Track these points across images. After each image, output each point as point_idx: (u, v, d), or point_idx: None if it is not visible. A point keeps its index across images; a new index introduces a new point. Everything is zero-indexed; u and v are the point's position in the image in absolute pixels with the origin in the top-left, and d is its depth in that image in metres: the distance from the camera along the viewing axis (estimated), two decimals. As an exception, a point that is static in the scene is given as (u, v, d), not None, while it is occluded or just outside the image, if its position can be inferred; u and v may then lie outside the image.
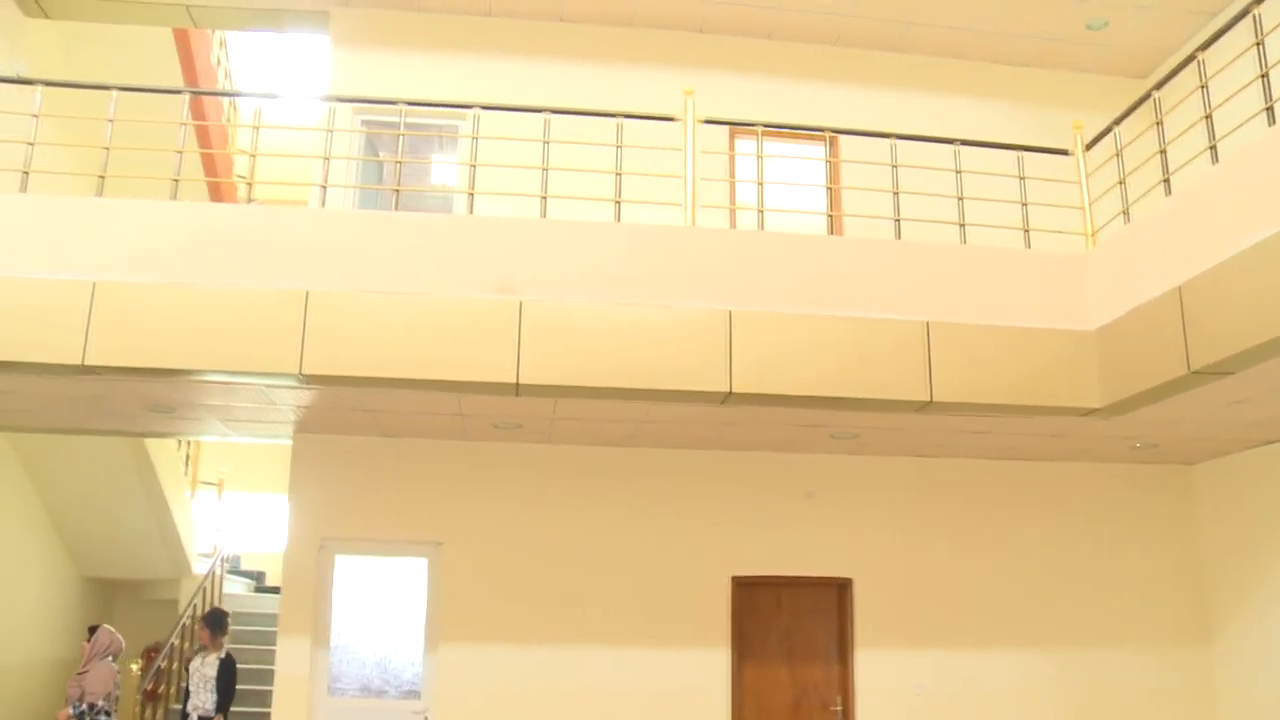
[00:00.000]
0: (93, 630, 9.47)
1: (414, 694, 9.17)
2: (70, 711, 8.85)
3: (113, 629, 9.51)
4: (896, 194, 8.27)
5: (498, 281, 7.31)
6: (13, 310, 7.16)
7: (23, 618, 12.11)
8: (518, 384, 7.20)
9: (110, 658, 9.09)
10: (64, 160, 8.84)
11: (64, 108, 8.47)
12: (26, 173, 7.76)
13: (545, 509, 9.40)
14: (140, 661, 10.90)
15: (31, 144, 7.79)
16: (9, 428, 10.14)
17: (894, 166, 8.29)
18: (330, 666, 9.15)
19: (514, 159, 8.11)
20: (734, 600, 9.45)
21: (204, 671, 9.21)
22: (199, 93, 9.27)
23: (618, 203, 7.93)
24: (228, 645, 9.44)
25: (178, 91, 8.98)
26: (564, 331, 7.30)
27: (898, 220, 8.23)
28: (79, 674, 9.14)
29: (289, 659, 8.98)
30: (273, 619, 11.13)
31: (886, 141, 8.38)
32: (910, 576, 9.67)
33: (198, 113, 9.95)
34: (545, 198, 7.89)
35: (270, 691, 9.11)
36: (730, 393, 7.36)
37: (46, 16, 10.62)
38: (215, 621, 9.46)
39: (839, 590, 9.70)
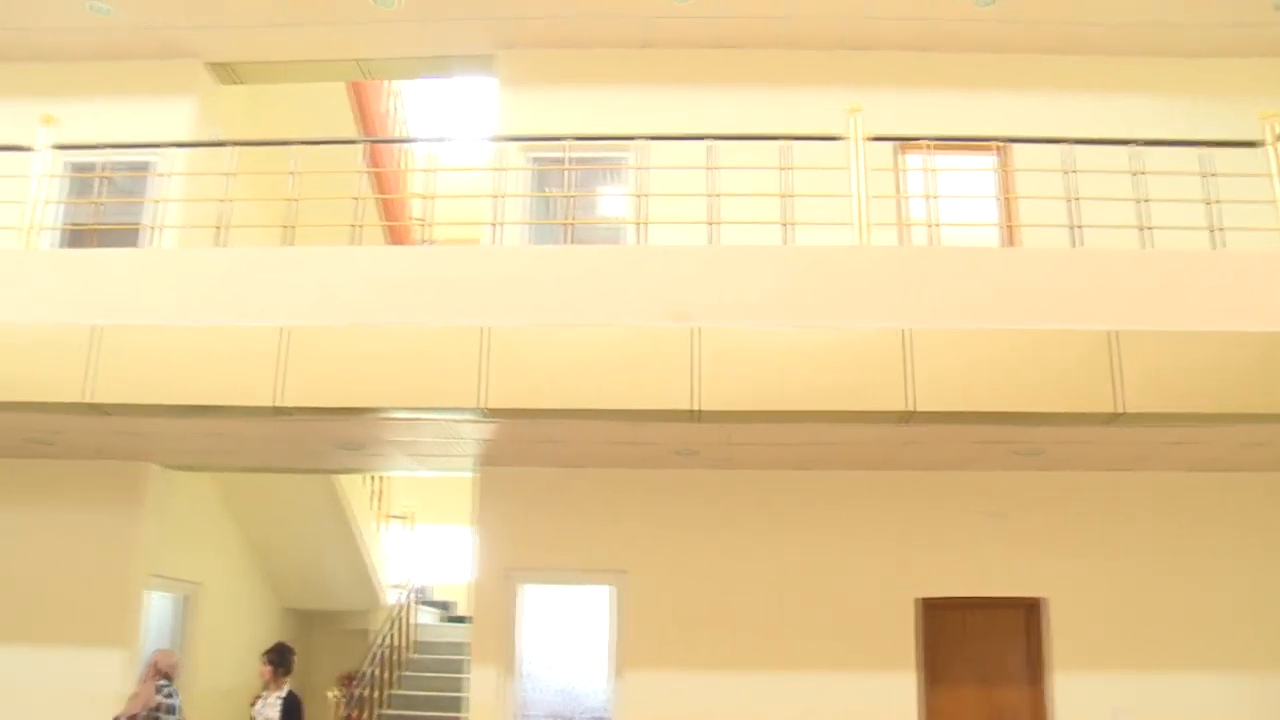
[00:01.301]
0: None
1: (601, 720, 9.25)
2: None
3: (170, 650, 9.15)
4: (1073, 200, 8.01)
5: (672, 309, 7.34)
6: (212, 357, 7.58)
7: (232, 646, 12.69)
8: (696, 411, 7.22)
9: (162, 679, 8.72)
10: (254, 214, 9.29)
11: (253, 165, 8.92)
12: (221, 228, 8.22)
13: (726, 534, 9.37)
14: (337, 690, 11.28)
15: (226, 200, 8.23)
16: (212, 468, 10.69)
17: (1069, 172, 8.04)
18: (519, 694, 9.28)
19: (681, 187, 8.15)
20: (921, 622, 9.24)
21: (265, 713, 8.65)
22: (374, 141, 9.67)
23: (787, 225, 7.89)
24: (289, 684, 8.81)
25: (354, 141, 9.37)
26: (740, 356, 7.29)
27: (1076, 227, 7.97)
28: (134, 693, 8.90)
29: (480, 686, 9.15)
30: (461, 648, 11.41)
31: (1060, 147, 8.14)
32: (1104, 595, 9.28)
33: (374, 160, 10.35)
34: (714, 224, 7.92)
35: (462, 719, 9.30)
36: (910, 411, 7.23)
37: (238, 83, 11.26)
38: (279, 657, 8.86)
39: (1029, 611, 9.38)
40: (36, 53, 10.93)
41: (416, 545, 15.67)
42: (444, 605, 15.56)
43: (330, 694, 11.17)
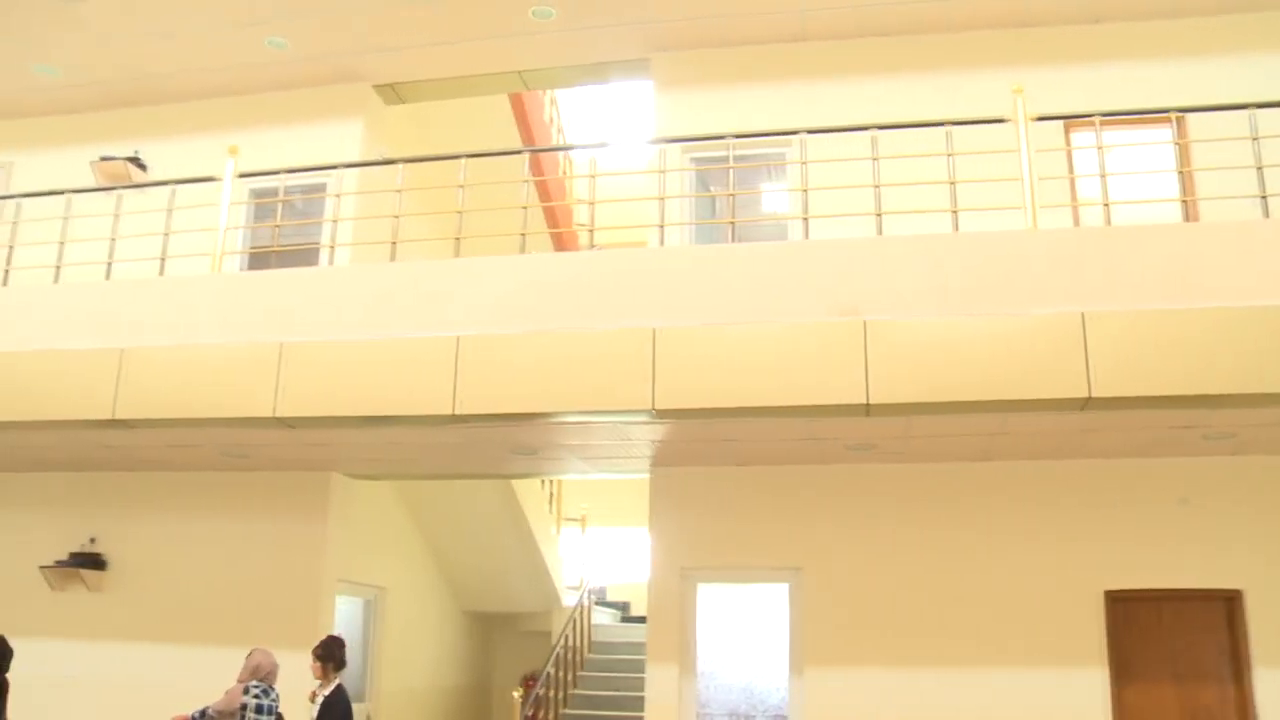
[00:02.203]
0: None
1: (781, 719, 9.20)
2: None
3: (267, 651, 8.73)
4: (1260, 169, 7.61)
5: (840, 304, 7.27)
6: (390, 368, 7.86)
7: (418, 649, 13.11)
8: (867, 405, 7.13)
9: (254, 683, 8.45)
10: (425, 228, 9.57)
11: (422, 180, 9.19)
12: (393, 243, 8.51)
13: (903, 528, 9.20)
14: (520, 690, 11.50)
15: (397, 216, 8.51)
16: (393, 476, 11.05)
17: (1254, 139, 7.66)
18: (698, 692, 9.31)
19: (844, 179, 8.07)
20: (1108, 616, 8.92)
21: (313, 710, 8.21)
22: (537, 150, 9.85)
23: (954, 213, 7.74)
24: (338, 678, 8.16)
25: (518, 152, 9.53)
26: (911, 348, 7.18)
27: (1264, 198, 7.58)
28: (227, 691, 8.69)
29: (658, 686, 9.22)
30: (639, 647, 11.49)
31: (1243, 114, 7.75)
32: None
33: (537, 169, 10.56)
34: (880, 215, 7.81)
35: (642, 718, 9.37)
36: (1089, 398, 6.99)
37: (402, 102, 11.63)
38: (326, 651, 8.21)
39: (1228, 603, 8.93)
40: (221, 89, 11.53)
41: (592, 547, 15.88)
42: (621, 606, 15.72)
43: (513, 694, 11.39)
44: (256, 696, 8.25)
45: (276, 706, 8.32)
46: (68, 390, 8.69)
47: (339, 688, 8.12)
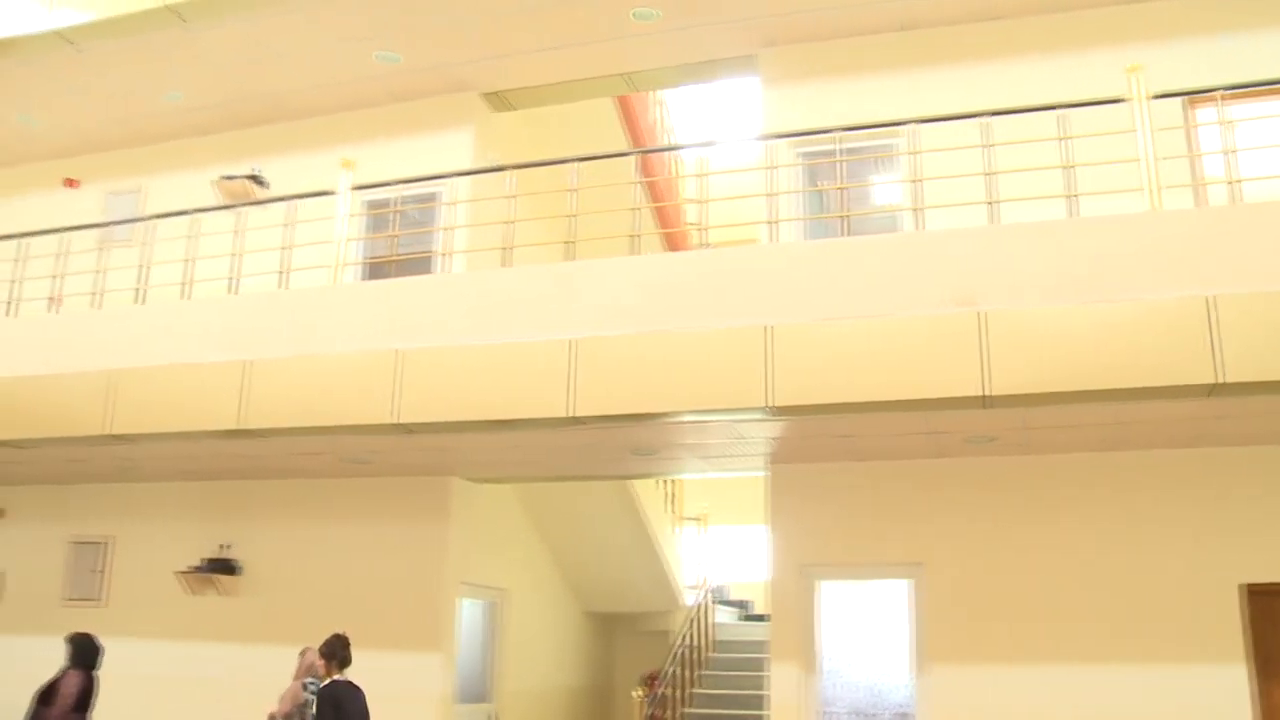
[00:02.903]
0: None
1: (906, 716, 9.07)
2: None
3: (313, 650, 8.91)
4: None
5: (956, 295, 7.14)
6: (507, 373, 7.98)
7: (540, 650, 13.24)
8: (986, 396, 7.01)
9: (310, 680, 8.91)
10: (536, 232, 9.67)
11: (532, 186, 9.29)
12: (506, 249, 8.60)
13: (1027, 522, 9.00)
14: (642, 689, 11.55)
15: (509, 222, 8.62)
16: (512, 479, 11.19)
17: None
18: (821, 690, 9.25)
19: (957, 168, 7.92)
20: (1249, 611, 8.59)
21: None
22: (645, 152, 9.87)
23: (1071, 197, 7.54)
24: (338, 674, 8.21)
25: (626, 154, 9.57)
26: (1030, 337, 7.03)
27: (1406, 170, 7.25)
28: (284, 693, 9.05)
29: (781, 683, 9.19)
30: (761, 646, 11.45)
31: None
32: None
33: (646, 170, 10.59)
34: (994, 203, 7.66)
35: (765, 716, 9.35)
36: (1217, 383, 6.77)
37: (511, 109, 11.77)
38: (328, 649, 8.30)
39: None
40: (335, 105, 11.81)
41: (711, 546, 15.87)
42: (741, 604, 15.69)
43: (635, 694, 11.45)
44: (314, 693, 8.60)
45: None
46: (198, 402, 9.02)
47: (334, 682, 8.16)
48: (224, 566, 11.09)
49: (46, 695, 9.00)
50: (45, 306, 10.55)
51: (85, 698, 8.92)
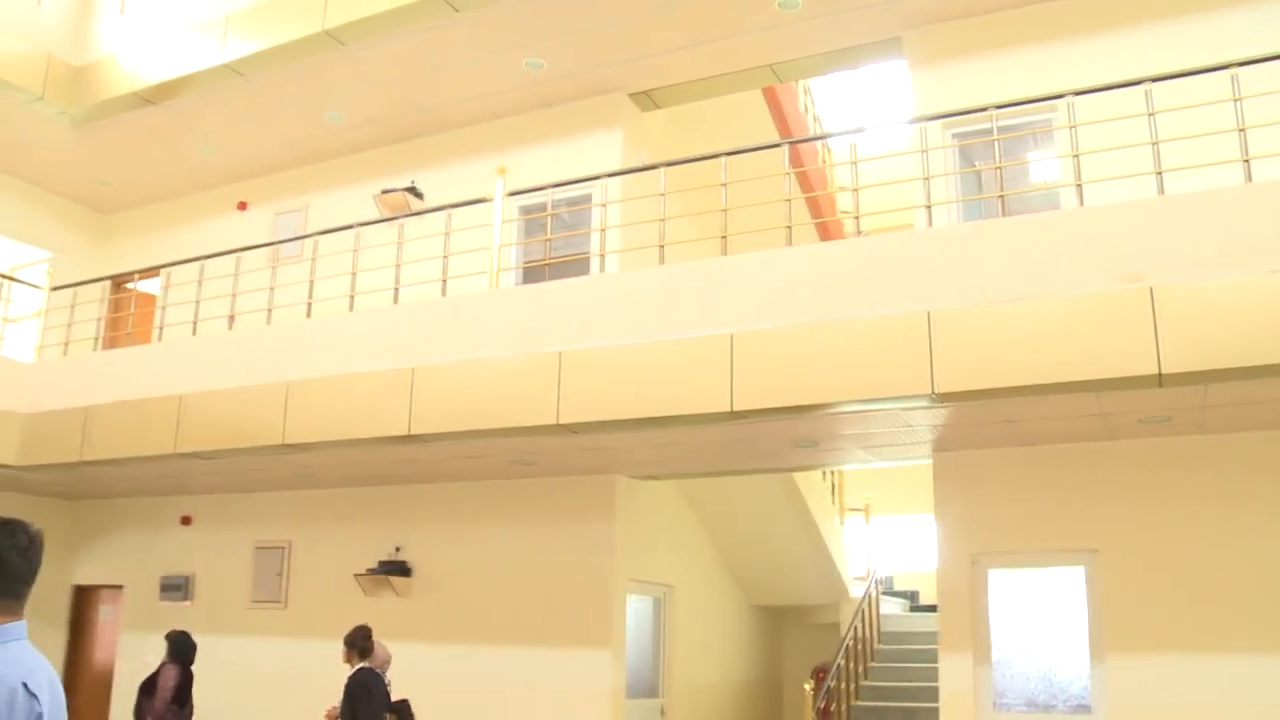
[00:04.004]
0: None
1: (1084, 708, 8.74)
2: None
3: (380, 643, 9.30)
4: None
5: (1123, 271, 6.90)
6: (666, 370, 8.00)
7: (708, 645, 13.28)
8: (1160, 374, 6.73)
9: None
10: (690, 229, 9.71)
11: (684, 182, 9.33)
12: (660, 246, 8.67)
13: (1207, 503, 8.55)
14: (811, 682, 11.47)
15: (663, 220, 8.67)
16: (675, 475, 11.25)
17: None
18: (993, 681, 9.03)
19: (1119, 139, 7.64)
20: None
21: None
22: (795, 142, 9.80)
23: (1245, 162, 7.20)
24: (360, 663, 8.83)
25: (776, 145, 9.52)
26: (1204, 312, 6.71)
27: None
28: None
29: (952, 675, 9.01)
30: (930, 637, 11.28)
31: None
32: None
33: (796, 161, 10.52)
34: (1161, 173, 7.37)
35: (937, 709, 9.18)
36: None
37: (658, 107, 11.85)
38: (350, 639, 8.92)
39: None
40: (486, 114, 12.10)
41: (877, 536, 15.69)
42: (909, 595, 15.46)
43: (804, 687, 11.38)
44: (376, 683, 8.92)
45: (389, 691, 9.03)
46: (367, 410, 9.31)
47: (361, 669, 8.80)
48: (398, 568, 11.43)
49: (148, 688, 9.89)
50: (223, 324, 11.05)
51: (182, 690, 9.81)
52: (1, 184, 14.21)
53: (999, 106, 8.13)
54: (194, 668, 9.89)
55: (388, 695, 8.94)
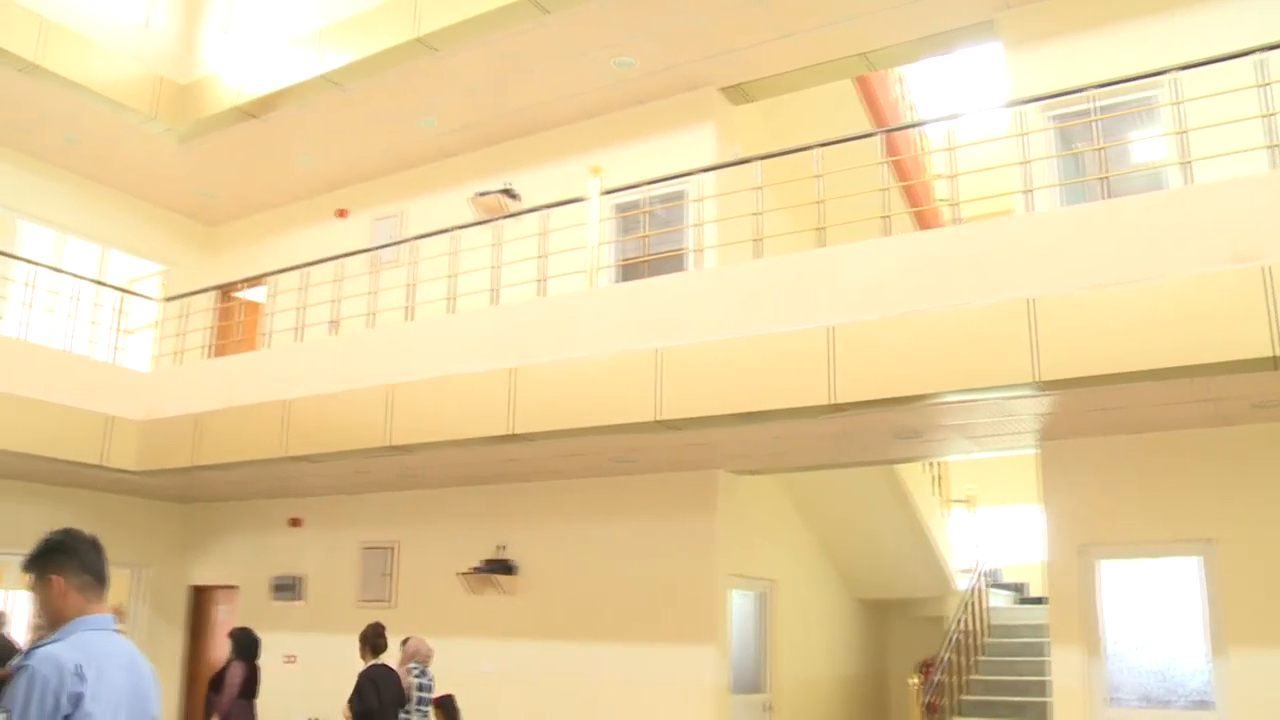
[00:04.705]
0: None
1: (1204, 704, 8.44)
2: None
3: (421, 638, 9.75)
4: None
5: (1234, 250, 6.70)
6: (765, 363, 7.99)
7: (812, 639, 13.21)
8: (1276, 357, 6.52)
9: (413, 665, 9.45)
10: (785, 221, 9.66)
11: (778, 175, 9.29)
12: (756, 240, 8.65)
13: (1330, 489, 8.31)
14: (917, 677, 11.36)
15: (758, 214, 8.65)
16: (778, 469, 11.22)
17: None
18: (1106, 676, 8.82)
19: (1227, 114, 7.40)
20: None
21: None
22: (889, 130, 9.67)
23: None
24: (373, 659, 9.23)
25: (870, 134, 9.43)
26: (1324, 290, 6.49)
27: None
28: None
29: (1062, 669, 8.83)
30: (1039, 630, 11.09)
31: None
32: None
33: (891, 149, 10.40)
34: (1274, 147, 7.14)
35: (1048, 703, 9.02)
36: None
37: (749, 101, 11.82)
38: (363, 637, 9.37)
39: None
40: (578, 114, 12.19)
41: (982, 528, 15.47)
42: (1016, 587, 15.22)
43: (911, 681, 11.27)
44: (418, 677, 9.37)
45: (432, 684, 9.48)
46: (469, 410, 9.43)
47: (373, 665, 9.14)
48: (502, 567, 11.57)
49: (216, 684, 10.52)
50: (326, 329, 11.29)
51: (248, 685, 10.43)
52: (116, 201, 14.74)
53: (1099, 86, 7.96)
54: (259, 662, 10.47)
55: (400, 690, 9.21)
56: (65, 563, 3.46)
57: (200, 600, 14.82)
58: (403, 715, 9.18)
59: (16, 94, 12.30)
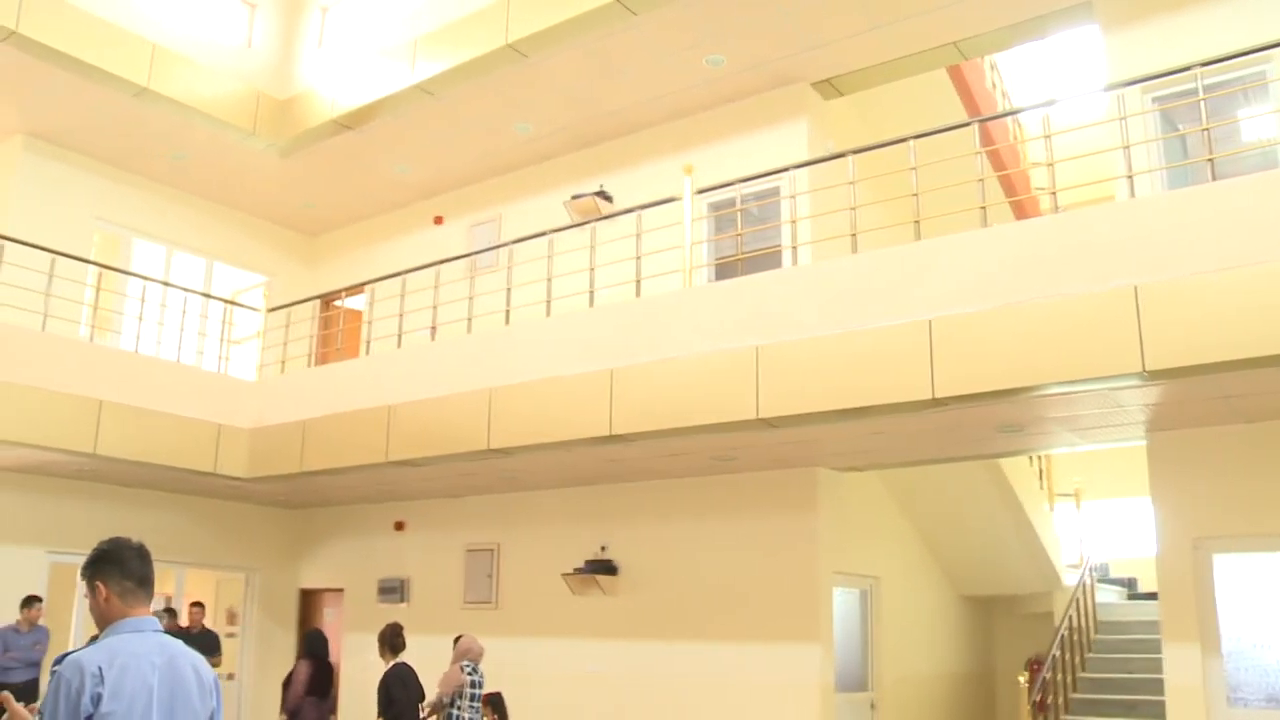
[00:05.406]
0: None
1: (1337, 704, 8.22)
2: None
3: (473, 636, 9.93)
4: None
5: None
6: (864, 359, 7.93)
7: (917, 637, 13.06)
8: (1399, 340, 6.29)
9: (465, 663, 9.56)
10: (881, 215, 9.57)
11: (872, 169, 9.21)
12: (852, 235, 8.58)
13: None
14: (1025, 674, 11.15)
15: (853, 208, 8.58)
16: (879, 466, 11.12)
17: None
18: (1226, 675, 8.55)
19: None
20: None
21: None
22: (984, 120, 9.50)
23: None
24: (393, 659, 9.53)
25: (965, 125, 9.31)
26: None
27: None
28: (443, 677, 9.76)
29: (1178, 668, 8.60)
30: (1151, 626, 10.82)
31: None
32: None
33: (987, 139, 10.22)
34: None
35: (1162, 702, 8.80)
36: None
37: (841, 95, 11.74)
38: (381, 638, 9.69)
39: None
40: (669, 114, 12.24)
41: (1089, 522, 15.14)
42: (1126, 582, 14.87)
43: (1018, 679, 11.06)
44: (470, 674, 9.53)
45: (483, 682, 9.67)
46: (568, 412, 9.51)
47: (397, 664, 9.49)
48: (604, 567, 11.63)
49: (288, 682, 10.97)
50: (426, 335, 11.46)
51: (315, 682, 10.91)
52: (221, 215, 15.20)
53: (1204, 64, 7.73)
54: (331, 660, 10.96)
55: (420, 687, 9.56)
56: (110, 570, 3.66)
57: (308, 603, 15.15)
58: (454, 712, 9.45)
59: (129, 117, 12.81)
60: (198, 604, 12.99)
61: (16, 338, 11.02)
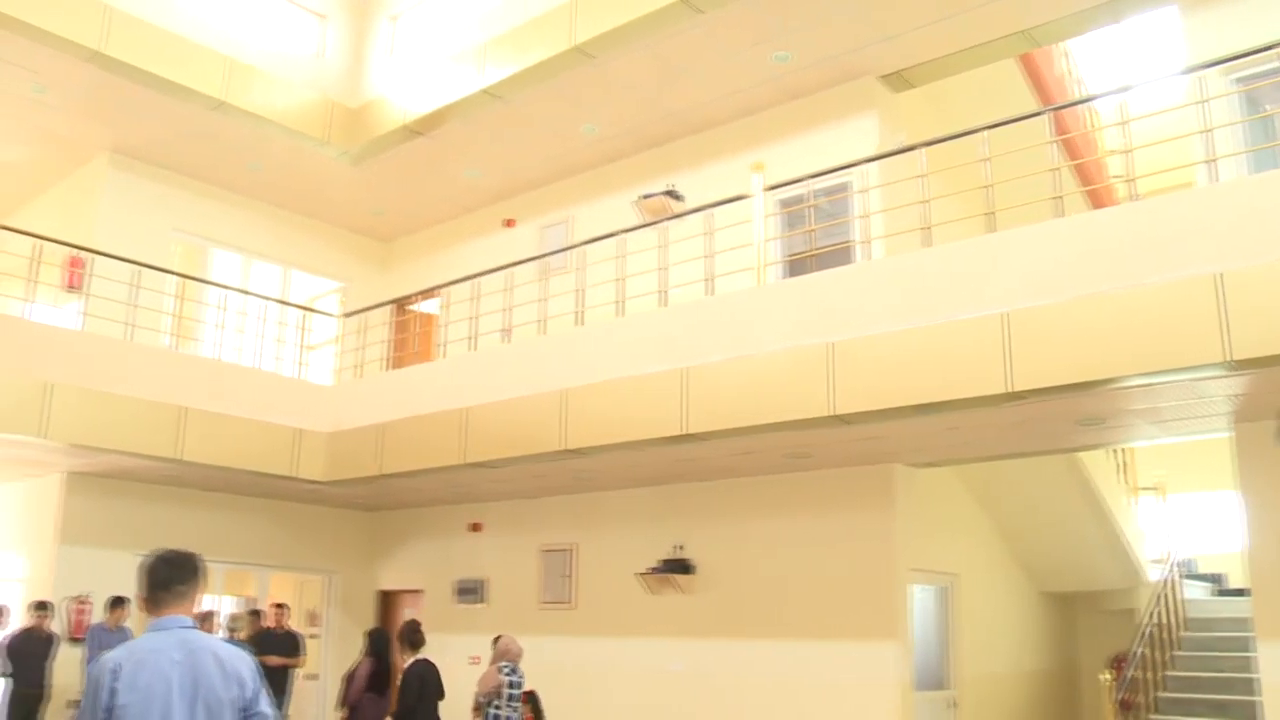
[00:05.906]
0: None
1: None
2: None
3: (512, 637, 10.12)
4: None
5: None
6: (938, 354, 7.85)
7: (997, 634, 12.90)
8: None
9: (504, 664, 9.69)
10: (954, 208, 9.46)
11: (944, 161, 9.11)
12: (925, 229, 8.50)
13: None
14: (1109, 672, 10.96)
15: (925, 202, 8.49)
16: (953, 461, 10.99)
17: None
18: (1324, 673, 8.34)
19: None
20: None
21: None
22: (1057, 108, 9.36)
23: None
24: (413, 655, 9.91)
25: (1037, 114, 9.17)
26: None
27: None
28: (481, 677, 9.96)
29: (1274, 666, 8.38)
30: (1242, 624, 10.57)
31: None
32: None
33: (1061, 128, 10.06)
34: None
35: (1257, 703, 8.59)
36: None
37: (910, 87, 11.62)
38: (400, 634, 10.17)
39: None
40: (737, 112, 12.23)
41: (1173, 516, 14.84)
42: (1214, 578, 14.54)
43: (1102, 677, 10.86)
44: (509, 675, 9.69)
45: (522, 682, 9.83)
46: (642, 412, 9.52)
47: (417, 660, 9.84)
48: (680, 566, 11.63)
49: (350, 677, 11.28)
50: (499, 338, 11.55)
51: (375, 679, 11.13)
52: (296, 223, 15.47)
53: (1288, 43, 7.53)
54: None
55: (441, 683, 9.91)
56: (141, 579, 4.07)
57: (387, 604, 15.34)
58: (493, 711, 9.62)
59: (206, 129, 13.11)
60: (280, 605, 13.21)
61: (105, 348, 11.36)
